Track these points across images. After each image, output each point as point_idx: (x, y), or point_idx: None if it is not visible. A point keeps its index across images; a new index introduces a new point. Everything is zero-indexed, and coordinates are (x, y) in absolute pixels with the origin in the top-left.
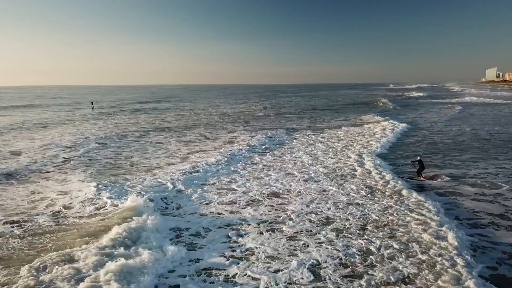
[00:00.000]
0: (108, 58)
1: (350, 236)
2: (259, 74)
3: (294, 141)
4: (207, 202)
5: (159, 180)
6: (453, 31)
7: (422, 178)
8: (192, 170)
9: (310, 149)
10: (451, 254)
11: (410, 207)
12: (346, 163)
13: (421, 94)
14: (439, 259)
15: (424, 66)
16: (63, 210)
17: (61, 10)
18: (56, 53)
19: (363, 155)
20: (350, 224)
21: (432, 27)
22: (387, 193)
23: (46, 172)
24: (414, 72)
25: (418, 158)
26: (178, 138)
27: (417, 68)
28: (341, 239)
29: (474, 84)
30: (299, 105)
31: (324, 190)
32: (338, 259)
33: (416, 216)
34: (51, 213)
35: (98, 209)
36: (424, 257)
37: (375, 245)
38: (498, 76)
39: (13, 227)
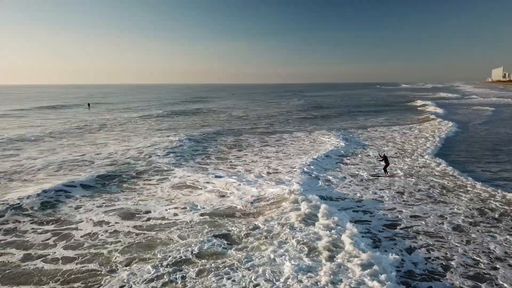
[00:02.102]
0: (113, 57)
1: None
2: (261, 74)
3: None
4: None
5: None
6: (455, 31)
7: (388, 174)
8: (315, 160)
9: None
10: None
11: None
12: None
13: (450, 95)
14: None
15: (427, 66)
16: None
17: (69, 10)
18: (65, 52)
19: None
20: None
21: (434, 27)
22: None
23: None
24: (417, 72)
25: (383, 154)
26: (265, 138)
27: (420, 68)
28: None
29: (481, 84)
30: (338, 105)
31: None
32: None
33: None
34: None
35: (259, 197)
36: None
37: None
38: (504, 76)
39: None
